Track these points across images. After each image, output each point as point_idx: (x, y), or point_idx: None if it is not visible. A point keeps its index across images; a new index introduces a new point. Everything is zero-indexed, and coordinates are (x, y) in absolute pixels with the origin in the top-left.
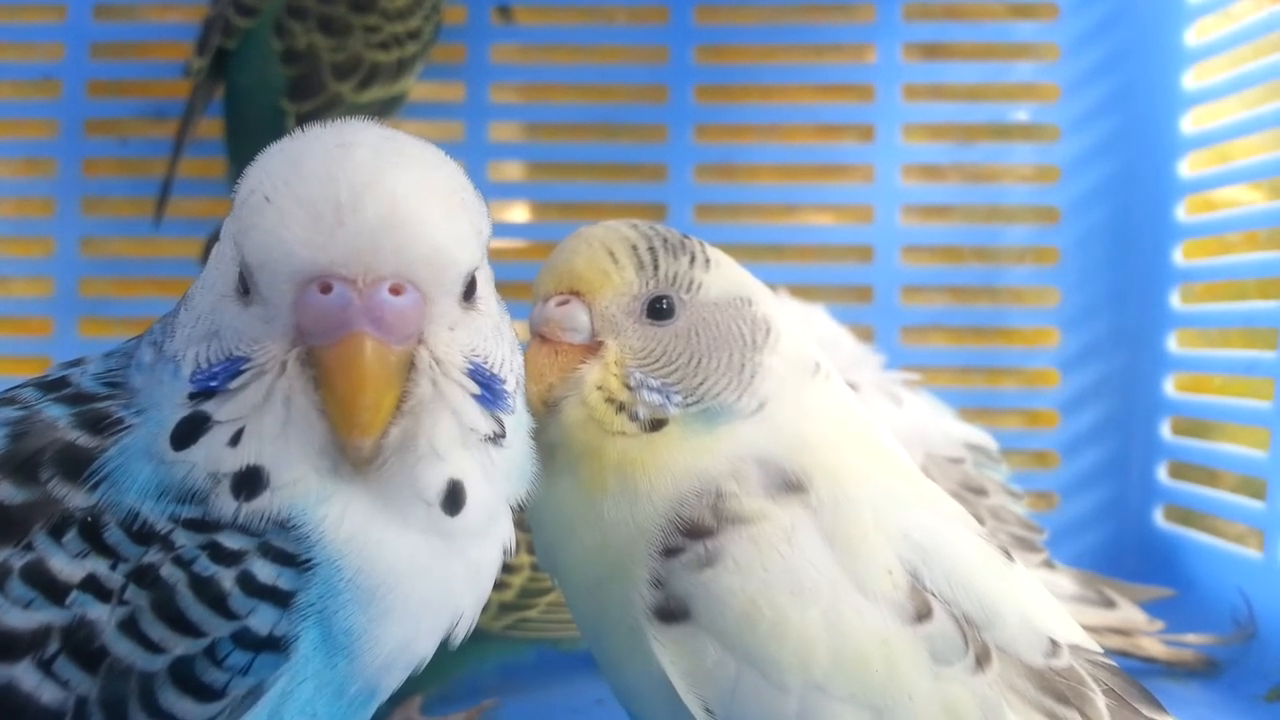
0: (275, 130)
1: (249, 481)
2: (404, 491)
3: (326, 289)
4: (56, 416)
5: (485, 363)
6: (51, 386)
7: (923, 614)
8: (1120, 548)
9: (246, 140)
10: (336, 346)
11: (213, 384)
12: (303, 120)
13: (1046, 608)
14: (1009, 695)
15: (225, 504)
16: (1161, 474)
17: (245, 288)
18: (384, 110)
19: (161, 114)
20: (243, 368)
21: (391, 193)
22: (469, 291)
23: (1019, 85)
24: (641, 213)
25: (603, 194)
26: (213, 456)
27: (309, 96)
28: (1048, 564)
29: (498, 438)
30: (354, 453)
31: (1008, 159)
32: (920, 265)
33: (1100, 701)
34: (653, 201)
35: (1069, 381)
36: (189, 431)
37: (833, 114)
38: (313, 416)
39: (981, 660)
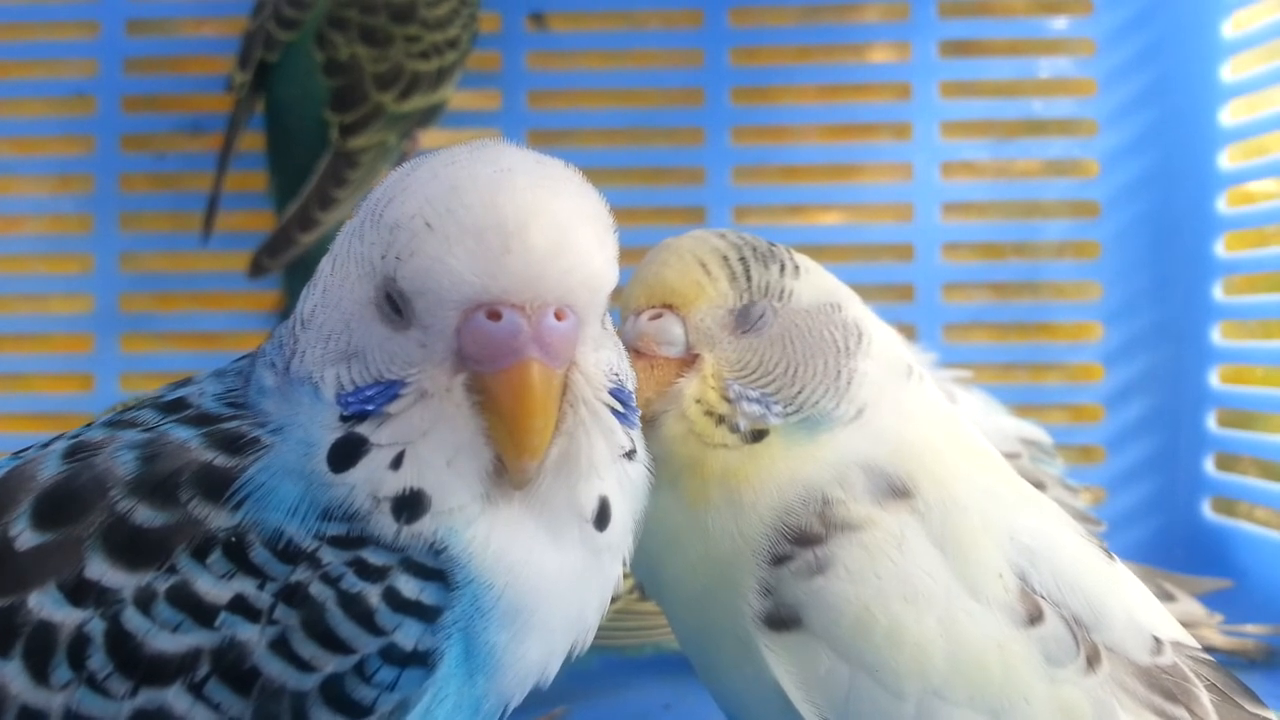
0: (317, 142)
1: (410, 504)
2: (562, 509)
3: (495, 316)
4: (186, 438)
5: (623, 381)
6: (171, 408)
7: (1034, 617)
8: (1169, 541)
9: (288, 152)
10: (506, 373)
11: (368, 408)
12: (345, 131)
13: (1147, 605)
14: (1120, 695)
15: (385, 525)
16: (1208, 466)
17: (395, 310)
18: (424, 119)
19: (198, 128)
20: (400, 391)
21: (555, 219)
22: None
23: (1055, 80)
24: (680, 216)
25: (641, 198)
26: (374, 479)
27: (352, 107)
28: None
29: (631, 454)
30: (519, 475)
31: (1046, 154)
32: (961, 262)
33: (1205, 697)
34: (691, 205)
35: (1113, 376)
36: (347, 453)
37: (869, 113)
38: (479, 442)
39: (1092, 661)
